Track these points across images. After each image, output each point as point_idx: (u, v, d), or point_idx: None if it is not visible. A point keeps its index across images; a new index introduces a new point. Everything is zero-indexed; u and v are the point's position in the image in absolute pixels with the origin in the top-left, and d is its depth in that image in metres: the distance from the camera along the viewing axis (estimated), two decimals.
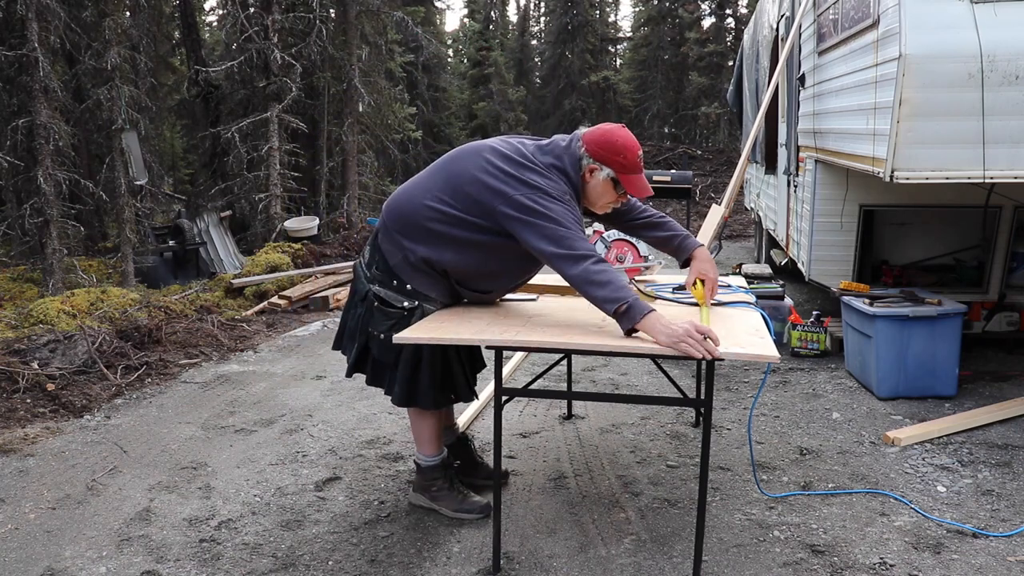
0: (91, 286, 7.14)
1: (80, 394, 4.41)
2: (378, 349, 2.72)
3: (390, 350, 2.66)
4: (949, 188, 4.21)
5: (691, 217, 13.60)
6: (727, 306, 2.91)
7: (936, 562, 2.57)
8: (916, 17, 3.52)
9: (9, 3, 7.47)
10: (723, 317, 2.74)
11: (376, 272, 2.71)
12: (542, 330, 2.50)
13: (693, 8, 24.37)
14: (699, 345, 2.19)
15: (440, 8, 25.58)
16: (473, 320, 2.62)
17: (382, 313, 2.68)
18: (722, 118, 22.35)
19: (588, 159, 2.60)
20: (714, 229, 6.79)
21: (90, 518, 2.99)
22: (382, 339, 2.67)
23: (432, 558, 2.64)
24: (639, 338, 2.34)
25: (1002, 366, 4.76)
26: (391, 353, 2.68)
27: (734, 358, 2.30)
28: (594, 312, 2.83)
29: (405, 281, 2.67)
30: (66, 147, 8.00)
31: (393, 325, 2.64)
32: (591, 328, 2.52)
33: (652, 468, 3.38)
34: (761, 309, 2.85)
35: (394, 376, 2.75)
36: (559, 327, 2.55)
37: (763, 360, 2.23)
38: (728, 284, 3.34)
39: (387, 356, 2.70)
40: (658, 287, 3.20)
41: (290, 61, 11.04)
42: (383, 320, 2.67)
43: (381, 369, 2.78)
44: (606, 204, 2.72)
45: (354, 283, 2.85)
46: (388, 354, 2.69)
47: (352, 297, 2.85)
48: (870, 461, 3.41)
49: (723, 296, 3.05)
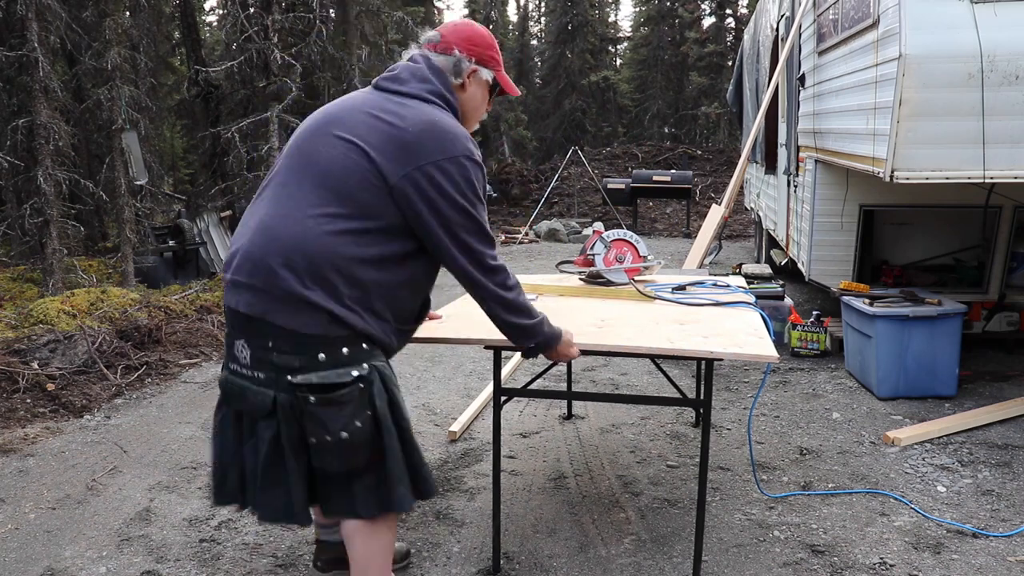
0: (91, 286, 7.14)
1: (80, 394, 4.41)
2: (340, 458, 1.89)
3: (360, 448, 1.90)
4: (949, 188, 4.21)
5: (691, 217, 13.62)
6: (726, 306, 2.90)
7: (936, 562, 2.57)
8: (916, 17, 3.52)
9: (9, 3, 7.46)
10: (722, 317, 2.72)
11: (282, 360, 1.85)
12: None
13: (693, 8, 24.38)
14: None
15: (440, 8, 25.58)
16: (470, 319, 2.56)
17: (325, 409, 1.85)
18: (722, 118, 22.36)
19: (467, 60, 2.10)
20: (714, 229, 6.79)
21: (90, 518, 2.99)
22: (343, 441, 1.86)
23: (432, 558, 2.64)
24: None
25: (1002, 366, 4.76)
26: (363, 452, 1.91)
27: (732, 358, 2.29)
28: (595, 311, 2.80)
29: (338, 344, 1.87)
30: (66, 147, 7.99)
31: (354, 411, 1.88)
32: (590, 328, 2.50)
33: (652, 468, 3.38)
34: (760, 309, 2.84)
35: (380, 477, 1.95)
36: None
37: (762, 360, 2.22)
38: (727, 284, 3.33)
39: (357, 459, 1.91)
40: (657, 287, 3.19)
41: (290, 61, 11.04)
42: (334, 416, 1.86)
43: (344, 486, 1.95)
44: (478, 118, 2.23)
45: (230, 403, 1.99)
46: (359, 455, 1.91)
47: (236, 425, 1.99)
48: (870, 461, 3.41)
49: (723, 296, 3.03)
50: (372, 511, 1.98)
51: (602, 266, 3.32)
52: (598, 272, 3.32)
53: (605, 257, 3.33)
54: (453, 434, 3.76)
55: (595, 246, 3.37)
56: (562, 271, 3.64)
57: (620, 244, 3.36)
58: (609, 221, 14.04)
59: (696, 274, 3.89)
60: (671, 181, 13.27)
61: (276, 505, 1.95)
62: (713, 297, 3.02)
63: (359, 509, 1.98)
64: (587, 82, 24.95)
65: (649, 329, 2.54)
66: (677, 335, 2.44)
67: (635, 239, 3.38)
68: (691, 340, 2.38)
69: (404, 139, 1.89)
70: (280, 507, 1.95)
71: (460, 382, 4.71)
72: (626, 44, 29.51)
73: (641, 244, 3.38)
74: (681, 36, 24.45)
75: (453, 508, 3.00)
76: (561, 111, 24.77)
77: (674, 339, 2.40)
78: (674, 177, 13.38)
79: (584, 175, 16.23)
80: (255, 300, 1.86)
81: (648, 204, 15.13)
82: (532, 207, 15.03)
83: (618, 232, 3.42)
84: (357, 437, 1.88)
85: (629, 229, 14.22)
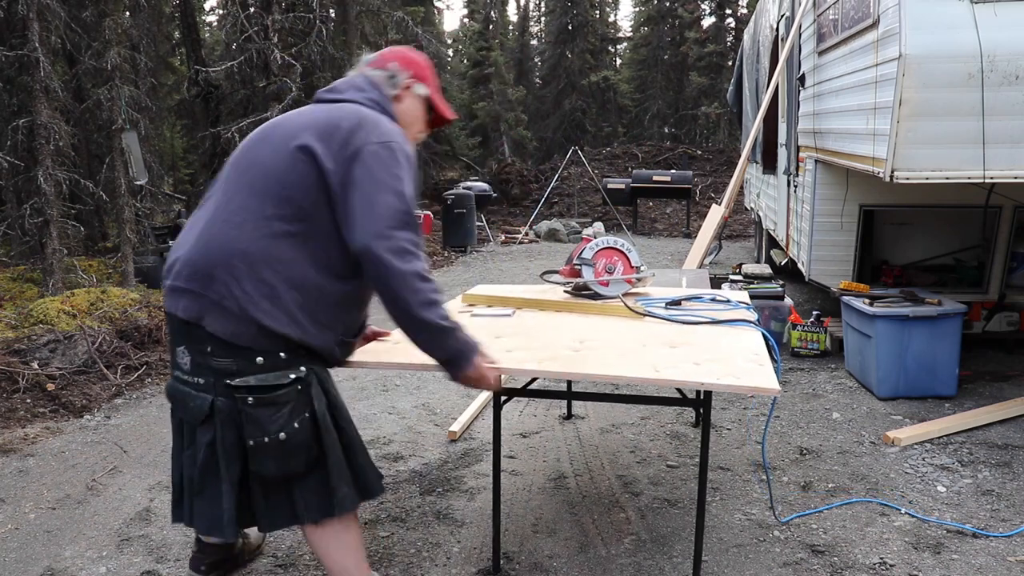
0: (91, 286, 7.14)
1: (80, 394, 4.41)
2: (278, 460, 1.89)
3: (298, 449, 1.89)
4: (949, 188, 4.21)
5: (691, 217, 13.63)
6: (725, 324, 2.67)
7: (936, 562, 2.57)
8: (916, 17, 3.52)
9: (10, 3, 7.46)
10: (719, 337, 2.50)
11: (220, 364, 1.87)
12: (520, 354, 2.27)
13: (693, 8, 24.38)
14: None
15: (440, 8, 25.61)
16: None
17: (263, 410, 1.86)
18: (722, 118, 22.36)
19: (404, 73, 2.14)
20: (714, 229, 6.80)
21: (90, 518, 2.99)
22: (282, 442, 1.87)
23: (432, 558, 2.64)
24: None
25: (1002, 366, 4.76)
26: (302, 453, 1.91)
27: (727, 391, 2.07)
28: (575, 330, 2.56)
29: (276, 349, 1.88)
30: (66, 147, 7.98)
31: (292, 411, 1.88)
32: (565, 352, 2.30)
33: (652, 468, 3.38)
34: (764, 329, 2.61)
35: (321, 479, 1.95)
36: (545, 349, 2.33)
37: (761, 393, 1.98)
38: (728, 299, 3.05)
39: (295, 462, 1.90)
40: (649, 301, 2.97)
41: (290, 61, 11.04)
42: (271, 418, 1.86)
43: (283, 493, 1.95)
44: (414, 135, 2.20)
45: (174, 413, 2.02)
46: (297, 457, 1.90)
47: (179, 434, 2.02)
48: (870, 461, 3.41)
49: (722, 313, 2.80)
50: (315, 515, 1.97)
51: (590, 277, 3.08)
52: (585, 284, 3.09)
53: (596, 272, 3.07)
54: (453, 434, 3.76)
55: (584, 252, 3.12)
56: (547, 281, 3.36)
57: (610, 253, 3.09)
58: (609, 221, 14.05)
59: (696, 280, 3.80)
60: (671, 181, 13.28)
61: (209, 515, 1.95)
62: (710, 315, 2.77)
63: (301, 515, 1.97)
64: (587, 82, 24.95)
65: (634, 353, 2.32)
66: (665, 360, 2.23)
67: (627, 247, 3.14)
68: (680, 367, 2.17)
69: (339, 131, 1.91)
70: (213, 517, 1.94)
71: None
72: (626, 44, 29.51)
73: (633, 253, 3.14)
74: (681, 36, 24.45)
75: (453, 508, 3.00)
76: (561, 111, 24.77)
77: (661, 366, 2.17)
78: (674, 177, 13.38)
79: (584, 175, 16.23)
80: (192, 304, 1.88)
81: (648, 204, 15.13)
82: (532, 207, 15.03)
83: (608, 239, 3.16)
84: (295, 438, 1.89)
85: (629, 229, 14.17)
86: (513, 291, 3.24)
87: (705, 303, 2.99)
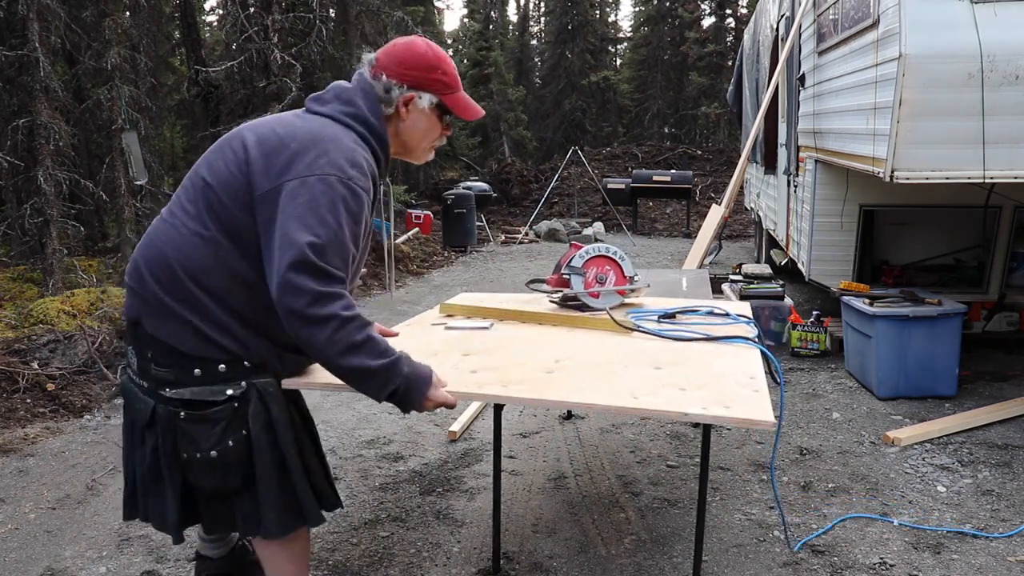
0: (91, 286, 7.13)
1: (80, 394, 4.41)
2: (211, 476, 1.84)
3: (232, 467, 1.83)
4: (949, 188, 4.21)
5: (691, 217, 13.63)
6: (722, 341, 2.44)
7: (936, 562, 2.57)
8: (916, 17, 3.52)
9: (10, 3, 7.46)
10: (713, 356, 2.28)
11: (159, 373, 1.83)
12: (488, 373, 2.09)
13: (693, 8, 24.39)
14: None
15: (440, 8, 25.62)
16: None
17: (196, 425, 1.81)
18: (722, 118, 22.36)
19: (400, 87, 1.93)
20: (714, 229, 6.80)
21: (90, 518, 2.99)
22: (213, 460, 1.81)
23: (432, 558, 2.64)
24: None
25: (1002, 366, 4.76)
26: (235, 472, 1.84)
27: (716, 422, 1.85)
28: (554, 348, 2.41)
29: (214, 361, 1.81)
30: (66, 147, 7.98)
31: (226, 429, 1.82)
32: (538, 374, 2.11)
33: (652, 468, 3.38)
34: (763, 346, 2.39)
35: (254, 499, 1.88)
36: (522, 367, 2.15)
37: (753, 426, 1.76)
38: (726, 312, 2.81)
39: (230, 478, 1.85)
40: (640, 314, 2.76)
41: (290, 61, 11.04)
42: (204, 433, 1.81)
43: (223, 504, 1.91)
44: (431, 144, 2.07)
45: (127, 410, 1.98)
46: (231, 475, 1.84)
47: (130, 432, 1.97)
48: (870, 461, 3.41)
49: (719, 329, 2.58)
50: (252, 530, 1.92)
51: (579, 288, 2.87)
52: (574, 295, 2.87)
53: (586, 283, 2.87)
54: (453, 434, 3.76)
55: (573, 260, 2.90)
56: (533, 290, 3.13)
57: (601, 261, 2.88)
58: (609, 221, 14.06)
59: (696, 281, 3.74)
60: (671, 181, 13.29)
61: (159, 515, 1.93)
62: (705, 330, 2.55)
63: (239, 526, 1.93)
64: (587, 82, 24.97)
65: (614, 376, 2.09)
66: (647, 385, 1.99)
67: (620, 256, 2.93)
68: (662, 394, 1.92)
69: (283, 153, 1.79)
70: (162, 517, 1.93)
71: None
72: (626, 44, 29.53)
73: (627, 262, 2.93)
74: (681, 36, 24.46)
75: (453, 508, 3.00)
76: (561, 111, 24.79)
77: (640, 392, 1.93)
78: (674, 177, 13.39)
79: (584, 175, 16.23)
80: (133, 303, 1.87)
81: (648, 204, 15.14)
82: (532, 207, 15.03)
83: (600, 247, 2.96)
84: (227, 457, 1.82)
85: (629, 229, 14.16)
86: (496, 300, 3.07)
87: (702, 316, 2.78)
